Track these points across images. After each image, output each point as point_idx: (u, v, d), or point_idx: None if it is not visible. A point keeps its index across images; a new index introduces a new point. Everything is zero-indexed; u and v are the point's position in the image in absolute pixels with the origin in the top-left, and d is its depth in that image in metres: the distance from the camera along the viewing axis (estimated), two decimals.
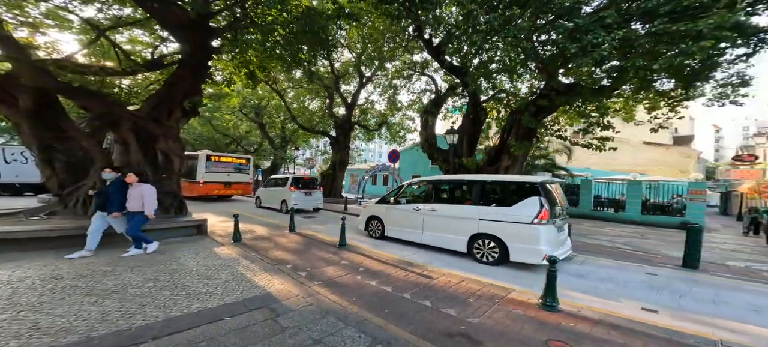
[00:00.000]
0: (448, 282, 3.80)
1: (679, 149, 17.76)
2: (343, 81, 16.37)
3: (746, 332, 2.75)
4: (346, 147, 16.87)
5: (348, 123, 16.48)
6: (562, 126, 9.26)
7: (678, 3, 3.69)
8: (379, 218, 6.23)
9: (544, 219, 4.13)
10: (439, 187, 5.81)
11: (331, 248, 5.56)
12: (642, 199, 11.38)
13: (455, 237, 4.93)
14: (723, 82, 5.12)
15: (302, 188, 11.05)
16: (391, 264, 4.57)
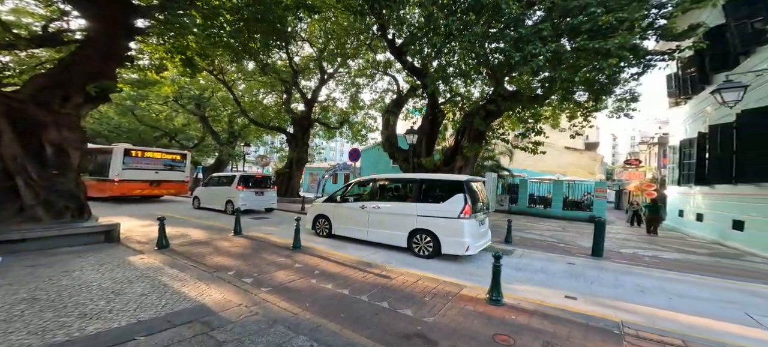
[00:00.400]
0: (405, 281, 3.83)
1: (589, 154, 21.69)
2: (303, 76, 15.50)
3: (636, 311, 3.26)
4: (305, 145, 15.98)
5: (307, 120, 15.64)
6: (506, 130, 10.31)
7: (595, 22, 4.41)
8: (327, 217, 6.19)
9: (467, 214, 4.55)
10: (383, 186, 6.00)
11: (283, 251, 5.16)
12: (563, 197, 13.44)
13: (397, 233, 5.13)
14: (620, 97, 6.33)
15: (253, 187, 10.07)
16: (350, 266, 4.43)
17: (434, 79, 8.12)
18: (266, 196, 10.43)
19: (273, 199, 10.66)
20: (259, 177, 10.67)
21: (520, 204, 14.10)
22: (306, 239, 6.08)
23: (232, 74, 15.12)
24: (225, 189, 10.11)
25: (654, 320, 3.01)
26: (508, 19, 5.16)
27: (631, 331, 2.62)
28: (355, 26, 9.85)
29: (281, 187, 15.31)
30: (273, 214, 10.38)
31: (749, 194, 6.99)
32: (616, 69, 4.88)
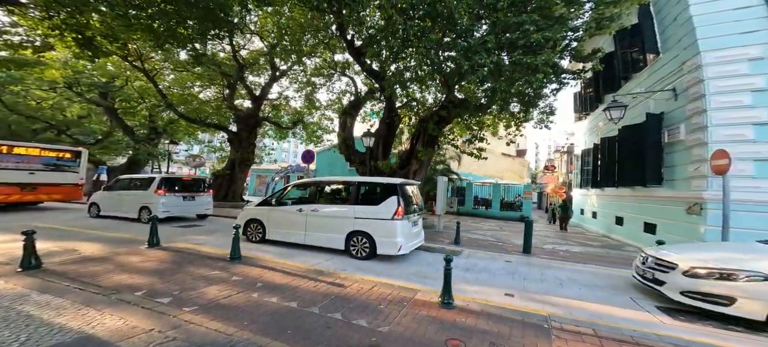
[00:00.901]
0: (360, 289, 3.67)
1: (519, 160, 25.31)
2: (252, 71, 14.04)
3: (558, 304, 3.53)
4: (251, 145, 14.40)
5: (254, 118, 14.17)
6: (455, 136, 11.13)
7: (528, 39, 5.13)
8: (260, 221, 5.91)
9: (400, 216, 4.78)
10: (321, 188, 6.02)
11: (218, 263, 4.52)
12: (501, 199, 15.19)
13: (335, 236, 5.19)
14: (542, 110, 7.46)
15: (180, 191, 8.63)
16: (300, 275, 4.10)
17: (392, 83, 8.26)
18: (198, 201, 9.04)
19: (207, 204, 9.31)
20: (188, 180, 9.27)
21: (467, 206, 15.39)
22: (248, 248, 5.46)
23: (154, 63, 12.70)
24: (139, 194, 8.44)
25: (570, 310, 3.33)
26: (459, 30, 5.58)
27: (557, 324, 2.88)
28: (312, 23, 9.39)
29: (220, 190, 13.42)
30: (208, 221, 9.07)
31: (626, 196, 8.73)
32: (542, 84, 5.78)
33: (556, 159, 27.82)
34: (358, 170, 11.42)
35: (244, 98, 15.60)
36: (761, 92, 5.42)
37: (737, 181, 5.37)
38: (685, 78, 6.19)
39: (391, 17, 6.19)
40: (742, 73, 5.43)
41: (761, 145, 5.42)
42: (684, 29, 6.33)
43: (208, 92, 15.56)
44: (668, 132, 6.77)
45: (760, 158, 5.41)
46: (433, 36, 5.85)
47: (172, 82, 14.13)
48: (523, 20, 5.10)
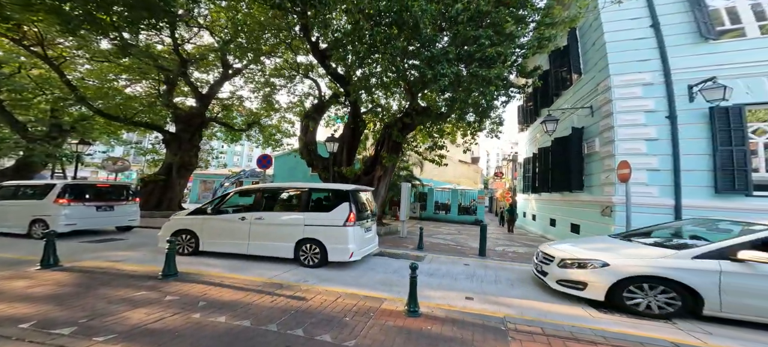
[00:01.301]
0: (324, 301, 3.47)
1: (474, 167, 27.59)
2: (198, 67, 12.50)
3: (511, 304, 3.69)
4: (194, 147, 12.68)
5: (200, 118, 12.57)
6: (418, 143, 11.51)
7: (483, 52, 5.64)
8: (191, 232, 5.41)
9: (352, 222, 4.83)
10: (268, 195, 5.70)
11: (146, 281, 3.84)
12: (458, 203, 16.19)
13: (283, 244, 5.04)
14: (493, 121, 8.22)
15: (93, 199, 7.10)
16: (254, 290, 3.69)
17: (357, 87, 8.22)
18: (119, 211, 7.63)
19: (131, 214, 7.91)
20: (105, 186, 7.81)
21: (428, 211, 15.98)
22: (188, 262, 4.77)
23: (62, 50, 10.42)
24: (29, 204, 6.83)
25: (522, 310, 3.49)
26: (423, 39, 5.85)
27: (512, 326, 3.00)
28: (273, 22, 8.84)
29: (151, 198, 11.42)
30: (132, 234, 7.68)
31: (557, 200, 9.63)
32: (494, 96, 6.41)
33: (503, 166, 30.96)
34: (320, 175, 10.95)
35: (186, 95, 13.75)
36: (651, 113, 6.66)
37: (636, 187, 6.29)
38: (599, 97, 7.49)
39: (358, 22, 6.22)
40: (638, 96, 6.77)
41: (651, 157, 6.46)
42: (599, 54, 7.47)
43: (138, 87, 13.27)
44: (587, 144, 7.93)
45: (651, 168, 6.45)
46: (398, 43, 6.05)
47: (87, 73, 11.67)
48: (480, 34, 5.62)
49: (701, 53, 6.27)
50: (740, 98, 5.85)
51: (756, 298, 3.14)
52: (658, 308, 3.47)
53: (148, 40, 10.99)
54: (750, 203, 5.67)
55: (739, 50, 6.06)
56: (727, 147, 5.86)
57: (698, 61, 6.24)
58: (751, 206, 5.62)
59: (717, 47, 6.21)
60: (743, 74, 5.90)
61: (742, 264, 3.18)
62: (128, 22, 5.89)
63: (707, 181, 6.02)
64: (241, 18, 9.00)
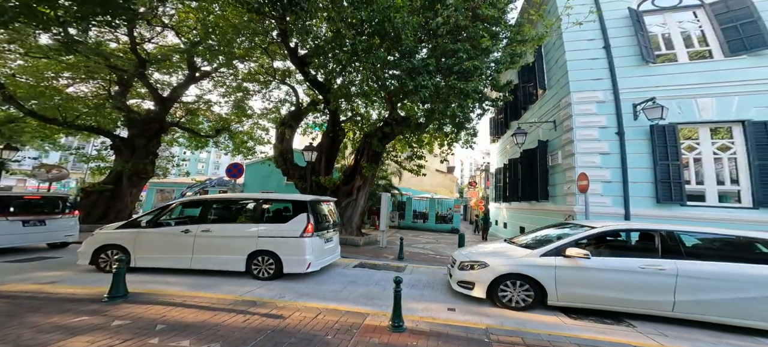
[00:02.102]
0: (303, 318, 3.25)
1: (450, 176, 28.53)
2: (159, 68, 11.45)
3: (490, 314, 3.69)
4: (151, 154, 11.44)
5: (159, 123, 11.40)
6: (397, 152, 11.56)
7: (461, 66, 5.87)
8: (121, 247, 5.01)
9: (309, 233, 4.84)
10: (216, 207, 5.54)
11: (88, 305, 3.33)
12: (436, 212, 16.48)
13: (233, 257, 4.89)
14: (468, 132, 8.59)
15: (18, 213, 6.31)
16: (223, 308, 3.36)
17: (337, 96, 8.08)
18: (52, 226, 6.67)
19: (68, 229, 6.96)
20: (34, 198, 6.85)
21: (407, 220, 16.01)
22: (146, 280, 4.27)
23: None
24: None
25: (501, 320, 3.50)
26: (404, 50, 5.97)
27: (494, 337, 3.00)
28: (249, 26, 8.44)
29: (95, 210, 10.05)
30: (69, 251, 6.67)
31: (526, 209, 9.90)
32: (471, 108, 6.70)
33: (477, 176, 32.47)
34: (297, 185, 10.48)
35: (144, 98, 12.47)
36: (604, 129, 7.09)
37: (593, 198, 6.69)
38: (561, 112, 8.18)
39: (339, 30, 6.19)
40: (593, 113, 7.52)
41: (605, 170, 6.95)
42: (561, 71, 8.00)
43: (83, 87, 11.74)
44: (551, 157, 8.55)
45: (604, 180, 6.92)
46: (380, 53, 6.11)
47: (19, 69, 10.06)
48: (458, 48, 5.89)
49: (643, 75, 7.18)
50: (674, 118, 6.76)
51: (577, 287, 3.76)
52: (521, 301, 3.90)
53: (99, 37, 9.84)
54: (684, 211, 6.44)
55: (673, 73, 7.04)
56: (664, 162, 6.65)
57: (641, 82, 7.13)
58: (685, 215, 6.39)
59: (655, 70, 7.15)
60: (676, 96, 6.86)
61: (568, 259, 3.77)
62: (77, 17, 5.19)
63: (650, 192, 6.72)
64: (212, 20, 8.47)
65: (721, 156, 6.55)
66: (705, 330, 3.50)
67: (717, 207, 6.38)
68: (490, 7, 6.01)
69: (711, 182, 6.54)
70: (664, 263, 3.60)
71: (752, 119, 6.28)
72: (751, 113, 6.32)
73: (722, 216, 6.22)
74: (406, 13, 5.54)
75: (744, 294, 3.37)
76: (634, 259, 3.73)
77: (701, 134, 6.76)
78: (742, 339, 3.34)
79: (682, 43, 7.33)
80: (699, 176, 6.66)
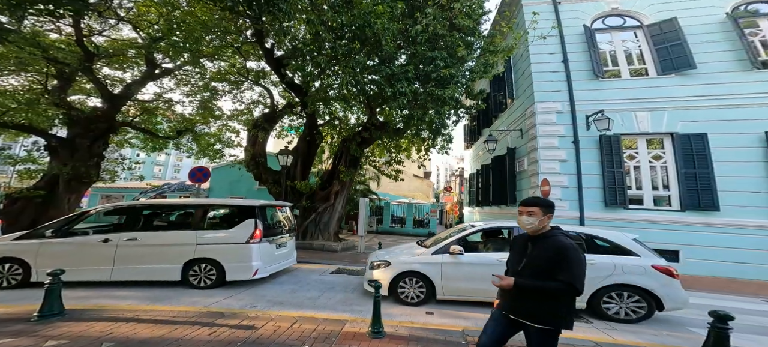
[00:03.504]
0: (278, 327, 3.10)
1: (426, 181, 29.20)
2: (110, 63, 10.31)
3: (467, 317, 3.74)
4: (96, 155, 10.18)
5: (107, 122, 10.19)
6: (376, 157, 11.58)
7: (439, 73, 6.08)
8: (19, 260, 4.60)
9: (257, 238, 4.78)
10: (144, 213, 5.31)
11: (10, 326, 2.91)
12: (413, 217, 16.74)
13: (165, 266, 4.70)
14: (444, 138, 8.89)
15: None
16: (184, 322, 3.11)
17: (315, 99, 7.90)
18: None
19: None
20: None
21: (385, 224, 16.04)
22: (90, 296, 3.87)
23: None
24: None
25: (476, 322, 3.56)
26: (384, 55, 6.03)
27: (471, 339, 3.05)
28: (220, 24, 7.94)
29: (23, 218, 8.73)
30: None
31: (496, 213, 10.13)
32: (447, 115, 6.96)
33: (452, 181, 33.67)
34: (270, 190, 10.00)
35: (90, 94, 11.10)
36: (563, 138, 7.64)
37: (554, 202, 7.88)
38: (527, 121, 8.86)
39: (319, 33, 6.09)
40: (553, 122, 8.25)
41: (563, 176, 7.51)
42: (527, 82, 8.48)
43: (11, 80, 10.14)
44: (518, 163, 9.16)
45: (563, 185, 7.47)
46: (359, 58, 6.11)
47: None
48: (436, 56, 6.11)
49: (594, 89, 8.04)
50: (618, 129, 7.65)
51: (456, 281, 4.12)
52: (416, 296, 4.22)
53: (35, 26, 8.59)
54: (627, 214, 7.26)
55: (617, 89, 7.97)
56: (610, 169, 7.46)
57: (593, 95, 7.98)
58: (628, 217, 7.22)
59: (604, 84, 8.05)
60: (620, 109, 7.77)
61: (452, 256, 4.15)
62: (10, 4, 4.50)
63: (600, 197, 7.47)
64: (178, 16, 7.83)
65: (656, 165, 7.53)
66: None
67: (652, 210, 7.29)
68: (465, 18, 6.34)
69: (647, 188, 7.47)
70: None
71: (679, 132, 7.34)
72: (678, 127, 7.39)
73: (656, 218, 7.13)
74: (386, 19, 5.64)
75: None
76: (495, 253, 4.20)
77: (640, 145, 7.73)
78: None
79: (625, 60, 8.37)
80: (638, 182, 7.57)
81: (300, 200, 9.73)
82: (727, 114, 7.11)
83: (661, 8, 8.10)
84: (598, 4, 8.53)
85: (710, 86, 7.34)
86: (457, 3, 6.25)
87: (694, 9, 7.85)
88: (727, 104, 7.14)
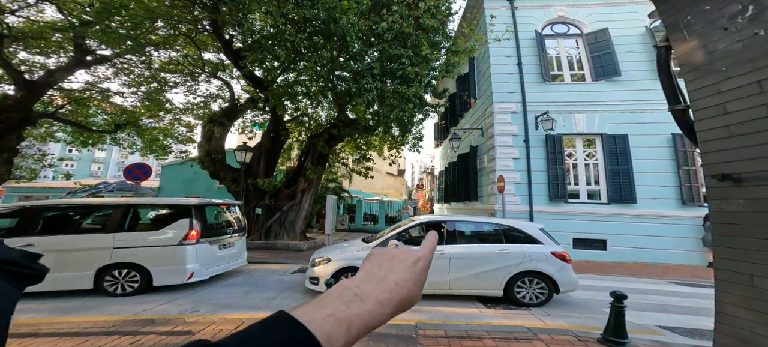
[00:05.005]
0: (219, 331, 2.97)
1: (400, 179, 29.69)
2: (29, 47, 8.79)
3: (424, 310, 3.69)
4: (8, 150, 8.66)
5: (21, 112, 8.66)
6: (346, 155, 11.46)
7: (404, 71, 6.22)
8: None
9: (193, 239, 4.48)
10: (46, 216, 4.71)
11: None
12: (385, 214, 16.96)
13: (71, 274, 4.21)
14: (414, 136, 9.15)
15: None
16: (101, 332, 2.84)
17: (279, 94, 7.59)
18: None
19: None
20: None
21: (357, 222, 16.02)
22: None
23: None
24: None
25: (431, 315, 3.67)
26: (351, 52, 5.99)
27: (421, 332, 3.15)
28: (170, 13, 7.16)
29: None
30: None
31: (462, 209, 10.88)
32: (412, 112, 7.16)
33: (424, 179, 34.64)
34: (229, 188, 9.41)
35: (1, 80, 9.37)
36: (516, 136, 8.34)
37: (508, 197, 7.74)
38: (486, 121, 9.48)
39: (279, 27, 5.83)
40: (508, 122, 8.94)
41: (516, 173, 8.15)
42: (487, 83, 9.10)
43: None
44: (479, 161, 9.74)
45: (516, 181, 8.09)
46: (324, 53, 5.99)
47: None
48: (402, 54, 6.23)
49: (543, 91, 8.85)
50: (560, 129, 8.54)
51: None
52: None
53: None
54: (567, 207, 8.15)
55: (560, 92, 8.87)
56: (554, 166, 8.29)
57: (541, 97, 8.77)
58: (568, 210, 8.09)
59: (550, 87, 8.90)
60: (562, 111, 8.67)
61: None
62: None
63: (545, 191, 8.25)
64: (117, 1, 6.88)
65: (589, 162, 8.57)
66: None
67: (587, 203, 8.27)
68: (431, 18, 6.55)
69: (583, 183, 8.47)
70: (444, 248, 4.19)
71: (607, 133, 8.44)
72: (606, 128, 8.49)
73: (590, 210, 8.11)
74: (352, 15, 5.59)
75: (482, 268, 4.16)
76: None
77: (577, 144, 8.73)
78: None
79: (567, 66, 9.35)
80: (576, 179, 8.55)
81: (263, 198, 9.29)
82: (643, 117, 8.32)
83: (597, 18, 9.15)
84: (548, 10, 9.37)
85: (631, 93, 8.52)
86: (423, 2, 6.43)
87: (623, 21, 8.97)
88: (643, 108, 8.34)
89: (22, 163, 10.53)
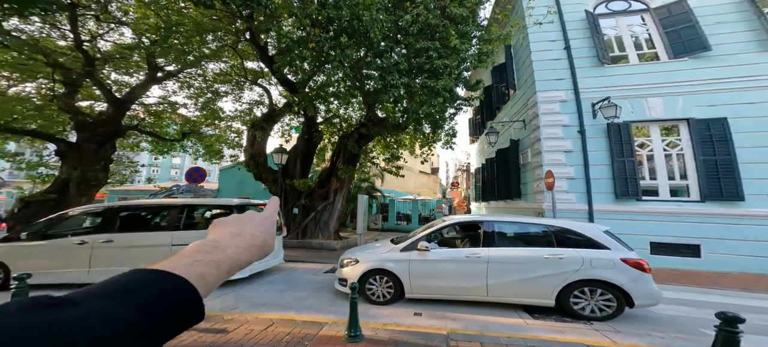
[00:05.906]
0: (250, 331, 3.01)
1: (433, 177, 28.81)
2: (115, 67, 10.69)
3: (457, 318, 3.58)
4: (103, 159, 10.50)
5: (114, 126, 10.49)
6: (377, 154, 11.41)
7: (432, 64, 5.87)
8: (2, 263, 4.67)
9: None
10: (120, 215, 5.23)
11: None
12: (419, 213, 16.49)
13: None
14: (447, 132, 8.65)
15: None
16: None
17: (308, 97, 7.85)
18: None
19: None
20: None
21: (390, 222, 15.91)
22: None
23: None
24: None
25: (466, 324, 3.45)
26: (376, 49, 5.88)
27: (454, 343, 2.93)
28: (217, 26, 8.04)
29: (33, 221, 9.02)
30: None
31: (502, 207, 10.12)
32: (443, 107, 6.73)
33: (459, 176, 33.12)
34: (270, 189, 10.06)
35: (97, 99, 11.48)
36: (567, 127, 7.42)
37: (559, 195, 6.89)
38: (529, 112, 8.49)
39: (306, 28, 6.01)
40: (557, 112, 7.86)
41: (569, 167, 7.21)
42: (528, 71, 8.27)
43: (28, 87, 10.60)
44: (522, 155, 8.80)
45: (569, 177, 7.16)
46: (349, 52, 5.97)
47: None
48: (428, 46, 5.90)
49: (600, 75, 7.61)
50: (627, 116, 7.20)
51: (424, 278, 3.95)
52: (383, 296, 4.00)
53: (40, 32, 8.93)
54: (640, 206, 6.83)
55: (625, 74, 7.52)
56: (621, 158, 7.01)
57: (598, 82, 7.56)
58: (641, 209, 6.78)
59: (610, 71, 7.61)
60: (629, 95, 7.33)
61: (419, 253, 3.99)
62: (14, 8, 4.57)
63: (610, 188, 7.03)
64: (175, 19, 7.95)
65: (671, 153, 7.06)
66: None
67: (669, 201, 6.83)
68: (458, 6, 6.10)
69: (663, 178, 7.01)
70: (481, 251, 3.86)
71: (695, 117, 6.85)
72: (694, 112, 6.89)
73: (674, 210, 6.67)
74: (374, 10, 5.47)
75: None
76: (466, 249, 4.02)
77: (652, 132, 7.26)
78: None
79: (632, 45, 7.89)
80: (652, 172, 7.11)
81: (299, 198, 9.71)
82: (749, 97, 6.58)
83: None
84: None
85: (728, 68, 6.81)
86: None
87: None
88: (748, 86, 6.61)
89: (117, 169, 12.77)
